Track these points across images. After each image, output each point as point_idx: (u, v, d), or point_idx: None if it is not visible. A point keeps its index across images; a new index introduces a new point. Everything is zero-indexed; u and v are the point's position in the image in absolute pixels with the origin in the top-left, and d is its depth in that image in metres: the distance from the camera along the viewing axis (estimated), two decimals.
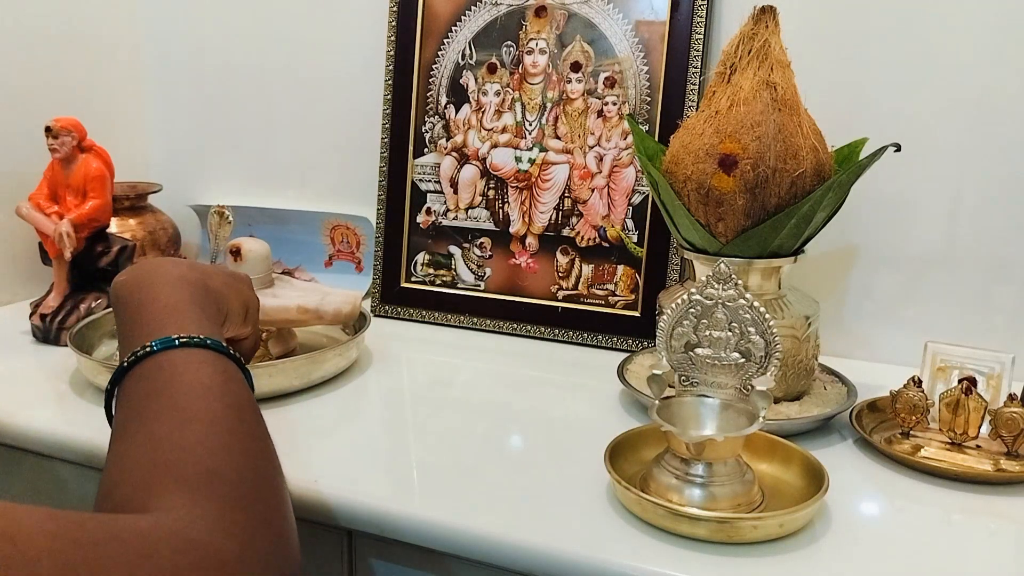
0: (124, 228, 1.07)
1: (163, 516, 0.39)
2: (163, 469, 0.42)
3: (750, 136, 0.68)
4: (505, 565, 0.55)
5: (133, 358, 0.50)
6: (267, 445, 0.48)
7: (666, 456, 0.58)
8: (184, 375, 0.48)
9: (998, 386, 0.66)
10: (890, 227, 0.88)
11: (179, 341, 0.50)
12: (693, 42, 0.89)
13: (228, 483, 0.42)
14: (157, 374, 0.49)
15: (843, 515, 0.58)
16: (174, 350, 0.50)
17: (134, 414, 0.47)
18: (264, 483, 0.45)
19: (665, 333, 0.60)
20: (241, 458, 0.45)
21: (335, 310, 0.83)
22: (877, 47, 0.86)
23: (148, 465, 0.43)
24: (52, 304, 0.92)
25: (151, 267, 0.59)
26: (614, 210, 0.94)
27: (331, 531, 0.62)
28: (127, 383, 0.50)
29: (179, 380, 0.48)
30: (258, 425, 0.49)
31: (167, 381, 0.48)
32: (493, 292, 1.00)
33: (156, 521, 0.39)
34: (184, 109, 1.23)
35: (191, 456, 0.43)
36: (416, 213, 1.03)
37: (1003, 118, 0.83)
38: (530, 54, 0.97)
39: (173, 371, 0.49)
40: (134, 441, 0.45)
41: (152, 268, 0.59)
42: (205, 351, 0.51)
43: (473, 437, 0.71)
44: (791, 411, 0.71)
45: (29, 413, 0.73)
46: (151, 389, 0.48)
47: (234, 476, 0.43)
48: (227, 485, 0.42)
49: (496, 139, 0.99)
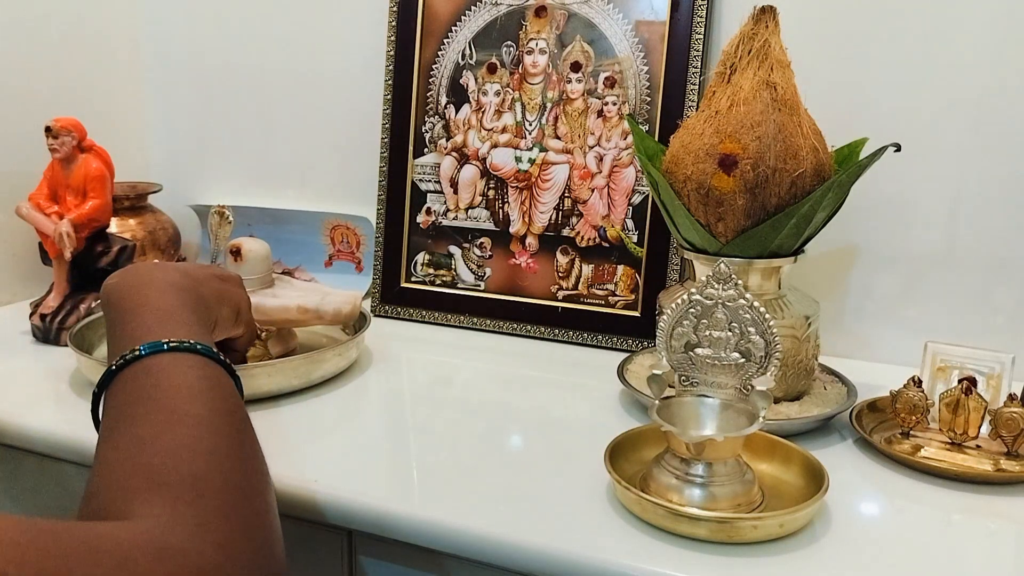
0: (124, 228, 1.07)
1: (141, 523, 0.39)
2: (145, 473, 0.42)
3: (750, 136, 0.68)
4: (505, 565, 0.55)
5: (122, 361, 0.49)
6: (254, 450, 0.48)
7: (666, 456, 0.58)
8: (172, 379, 0.48)
9: (998, 386, 0.66)
10: (890, 227, 0.88)
11: (168, 345, 0.50)
12: (693, 42, 0.89)
13: (211, 489, 0.42)
14: (144, 378, 0.48)
15: (843, 515, 0.58)
16: (162, 354, 0.50)
17: (120, 417, 0.47)
18: (249, 489, 0.44)
19: (665, 333, 0.60)
20: (226, 463, 0.44)
21: (335, 310, 0.83)
22: (877, 47, 0.86)
23: (130, 469, 0.42)
24: (52, 304, 0.92)
25: (142, 271, 0.59)
26: (614, 210, 0.94)
27: (331, 531, 0.62)
28: (114, 386, 0.49)
29: (166, 384, 0.48)
30: (245, 430, 0.49)
31: (154, 385, 0.48)
32: (493, 292, 1.00)
33: (133, 528, 0.38)
34: (184, 109, 1.23)
35: (174, 460, 0.42)
36: (416, 213, 1.03)
37: (1003, 118, 0.83)
38: (530, 54, 0.97)
39: (160, 375, 0.48)
40: (118, 445, 0.44)
41: (143, 272, 0.59)
42: (194, 356, 0.50)
43: (473, 437, 0.71)
44: (791, 411, 0.71)
45: (29, 413, 0.73)
46: (138, 393, 0.48)
47: (218, 481, 0.42)
48: (210, 491, 0.41)
49: (496, 139, 0.99)
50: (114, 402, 0.48)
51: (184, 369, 0.49)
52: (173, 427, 0.45)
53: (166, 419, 0.45)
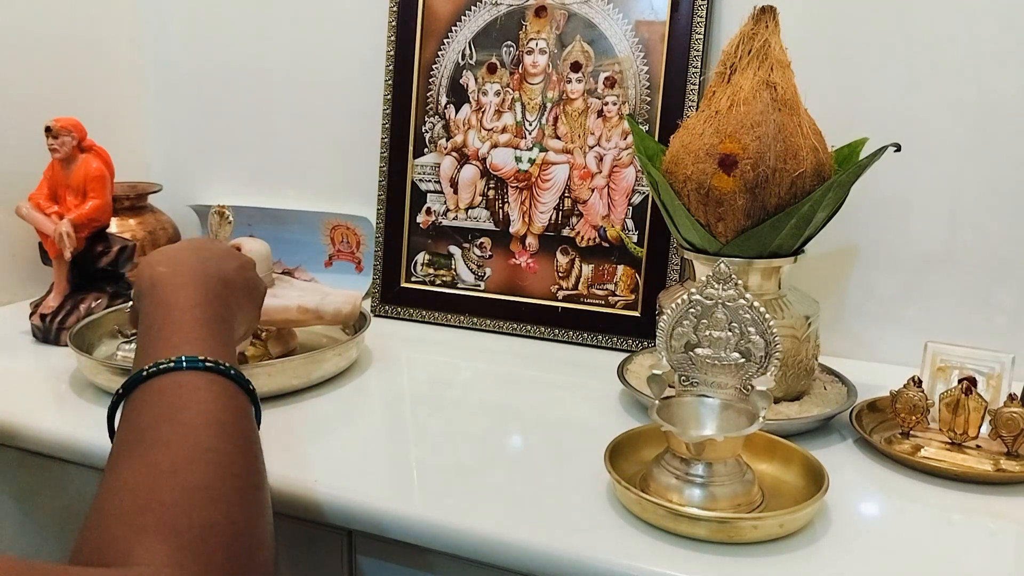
0: (124, 228, 1.07)
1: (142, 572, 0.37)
2: (157, 511, 0.40)
3: (750, 136, 0.68)
4: (505, 565, 0.55)
5: (155, 369, 0.47)
6: (265, 494, 0.46)
7: (666, 456, 0.58)
8: (201, 404, 0.46)
9: (998, 386, 0.66)
10: (890, 227, 0.88)
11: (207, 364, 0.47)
12: (693, 42, 0.89)
13: (220, 541, 0.40)
14: (174, 395, 0.46)
15: (843, 515, 0.58)
16: (197, 372, 0.47)
17: (141, 436, 0.44)
18: (258, 542, 0.43)
19: (665, 333, 0.60)
20: (237, 511, 0.42)
21: (335, 310, 0.83)
22: (877, 47, 0.86)
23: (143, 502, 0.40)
24: (52, 304, 0.92)
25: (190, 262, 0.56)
26: (614, 210, 0.94)
27: (331, 531, 0.62)
28: (137, 395, 0.47)
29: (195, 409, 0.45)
30: (261, 470, 0.47)
31: (183, 407, 0.45)
32: (493, 292, 1.00)
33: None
34: (184, 109, 1.23)
35: (189, 503, 0.40)
36: (416, 213, 1.03)
37: (1003, 118, 0.83)
38: (530, 54, 0.97)
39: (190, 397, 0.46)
40: (137, 468, 0.42)
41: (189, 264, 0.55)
42: (227, 381, 0.48)
43: (473, 437, 0.71)
44: (791, 411, 0.71)
45: (29, 413, 0.73)
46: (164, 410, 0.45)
47: (228, 533, 0.41)
48: (219, 543, 0.40)
49: (496, 139, 0.99)
50: (136, 414, 0.46)
51: (215, 395, 0.47)
52: (194, 464, 0.42)
53: (188, 453, 0.43)
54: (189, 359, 0.47)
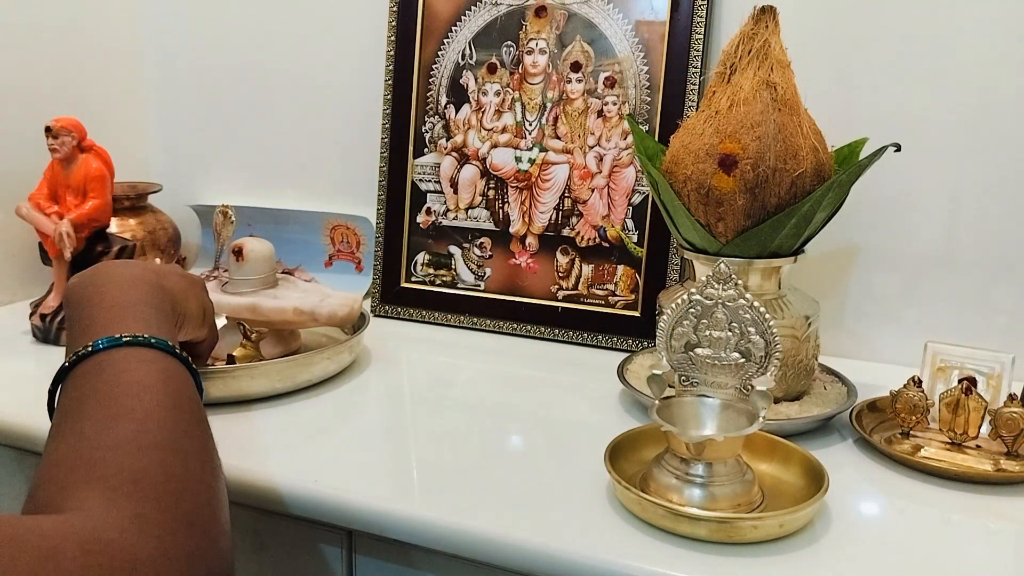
0: (124, 228, 1.07)
1: (73, 516, 0.38)
2: (86, 468, 0.42)
3: (750, 136, 0.68)
4: (505, 565, 0.55)
5: (75, 358, 0.49)
6: (204, 444, 0.47)
7: (666, 456, 0.58)
8: (123, 374, 0.48)
9: (998, 386, 0.66)
10: (890, 227, 0.88)
11: (124, 339, 0.50)
12: (693, 42, 0.89)
13: (152, 483, 0.41)
14: (96, 374, 0.48)
15: (843, 515, 0.58)
16: (117, 349, 0.49)
17: (67, 414, 0.47)
18: (194, 482, 0.44)
19: (665, 333, 0.60)
20: (169, 456, 0.44)
21: (330, 313, 0.83)
22: (877, 47, 0.86)
23: (71, 464, 0.42)
24: (52, 304, 0.92)
25: (103, 269, 0.59)
26: (614, 210, 0.94)
27: (331, 531, 0.62)
28: (68, 382, 0.49)
29: (116, 379, 0.48)
30: (196, 424, 0.48)
31: (105, 381, 0.48)
32: (493, 292, 1.00)
33: (63, 521, 0.38)
34: (184, 109, 1.23)
35: (115, 455, 0.42)
36: (416, 213, 1.03)
37: (1003, 118, 0.83)
38: (530, 54, 0.97)
39: (112, 370, 0.48)
40: (64, 440, 0.44)
41: (103, 270, 0.59)
42: (149, 350, 0.50)
43: (473, 437, 0.71)
44: (791, 411, 0.71)
45: (29, 413, 0.73)
46: (88, 389, 0.48)
47: (159, 475, 0.42)
48: (151, 485, 0.41)
49: (496, 139, 0.99)
50: (66, 399, 0.48)
51: (136, 364, 0.49)
52: (117, 422, 0.44)
53: (111, 414, 0.45)
54: (105, 340, 0.50)
